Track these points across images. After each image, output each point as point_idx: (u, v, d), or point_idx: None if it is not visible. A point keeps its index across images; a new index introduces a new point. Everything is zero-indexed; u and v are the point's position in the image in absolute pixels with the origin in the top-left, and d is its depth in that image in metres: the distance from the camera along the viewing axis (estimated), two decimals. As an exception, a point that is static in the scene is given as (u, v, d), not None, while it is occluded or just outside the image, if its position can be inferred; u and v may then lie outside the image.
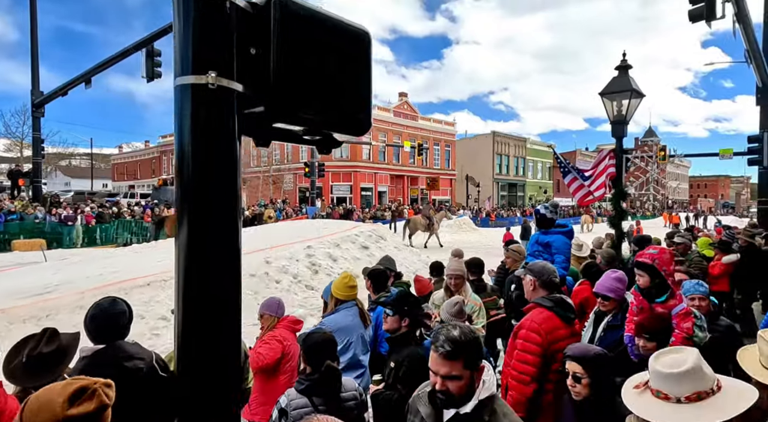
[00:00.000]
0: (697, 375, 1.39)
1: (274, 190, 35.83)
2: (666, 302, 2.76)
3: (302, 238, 10.64)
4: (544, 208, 4.52)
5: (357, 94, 1.50)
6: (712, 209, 73.24)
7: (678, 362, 1.41)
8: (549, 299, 2.86)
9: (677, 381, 1.38)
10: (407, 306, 2.60)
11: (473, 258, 5.48)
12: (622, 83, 6.00)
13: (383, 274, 3.90)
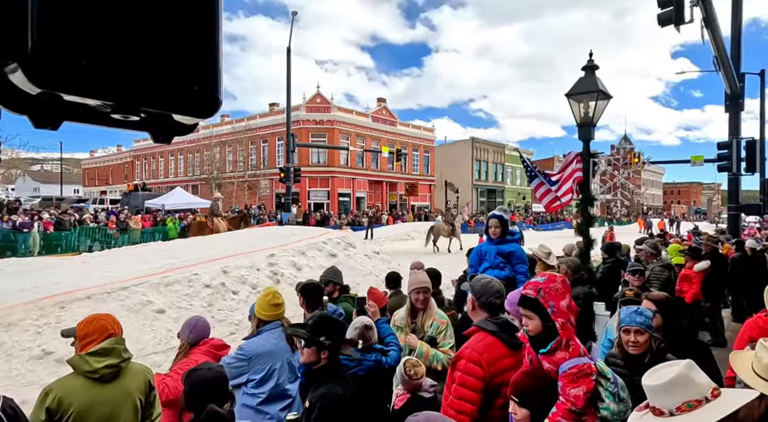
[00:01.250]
0: (686, 384, 1.36)
1: (250, 195, 35.07)
2: (552, 354, 1.92)
3: (266, 246, 10.15)
4: (504, 212, 4.18)
5: (192, 56, 1.10)
6: (685, 215, 75.01)
7: (663, 374, 1.40)
8: (493, 322, 2.50)
9: (666, 393, 1.37)
10: (325, 335, 2.19)
11: (429, 269, 5.12)
12: (589, 84, 5.75)
13: (316, 289, 3.48)
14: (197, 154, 41.29)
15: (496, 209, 4.40)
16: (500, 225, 4.12)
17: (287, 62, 25.04)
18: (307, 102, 36.45)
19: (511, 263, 3.97)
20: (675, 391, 1.36)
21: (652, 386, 1.40)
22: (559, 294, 1.98)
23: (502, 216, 4.16)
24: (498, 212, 4.23)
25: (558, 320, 1.93)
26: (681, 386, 1.37)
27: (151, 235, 20.45)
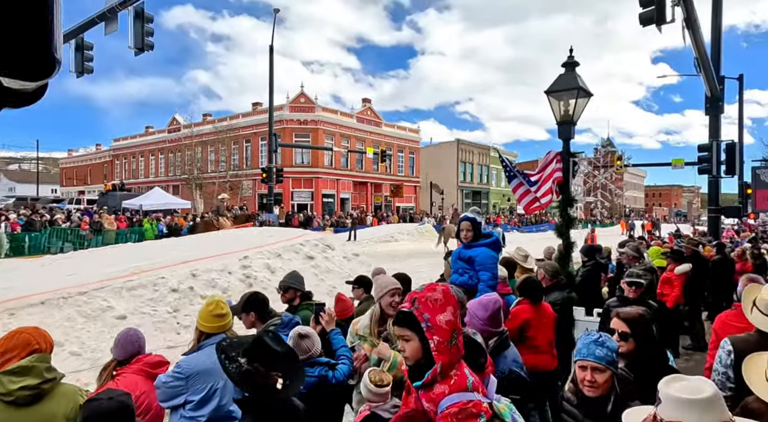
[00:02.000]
0: (720, 404, 1.27)
1: (232, 196, 34.45)
2: (430, 388, 1.50)
3: (240, 248, 9.79)
4: (478, 214, 3.90)
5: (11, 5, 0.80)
6: (666, 217, 76.19)
7: (697, 389, 1.28)
8: None
9: (701, 410, 1.23)
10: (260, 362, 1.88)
11: (398, 275, 4.84)
12: (569, 81, 5.56)
13: (256, 300, 3.12)
14: (178, 154, 40.51)
15: (468, 210, 4.10)
16: (472, 228, 3.84)
17: (270, 60, 24.67)
18: (290, 101, 35.99)
19: (474, 269, 3.69)
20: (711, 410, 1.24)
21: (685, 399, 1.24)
22: (437, 306, 1.54)
23: (475, 218, 3.85)
24: (470, 214, 3.93)
25: (433, 338, 1.48)
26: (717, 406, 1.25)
27: (126, 237, 19.84)
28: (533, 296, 4.12)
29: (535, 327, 4.07)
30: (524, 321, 4.07)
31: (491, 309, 2.49)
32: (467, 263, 3.75)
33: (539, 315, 4.12)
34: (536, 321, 4.08)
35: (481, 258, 3.69)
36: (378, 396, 2.48)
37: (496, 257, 3.85)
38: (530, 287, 4.11)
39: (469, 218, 3.89)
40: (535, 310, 4.12)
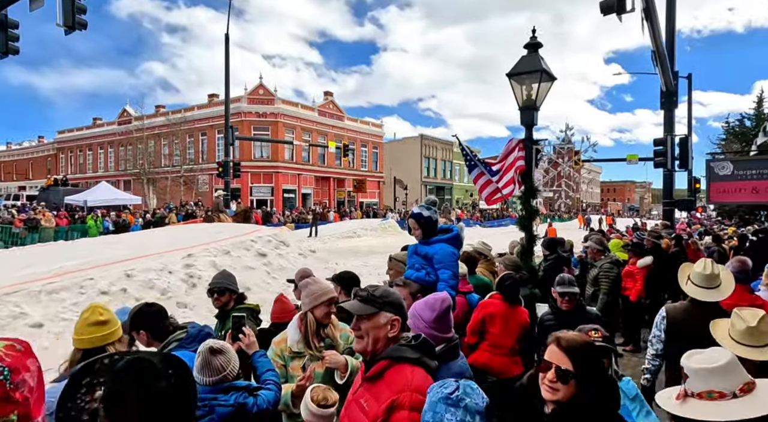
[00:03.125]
0: (738, 368, 1.37)
1: (186, 191, 32.92)
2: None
3: (184, 246, 9.04)
4: (427, 209, 3.43)
5: None
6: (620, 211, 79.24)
7: (715, 357, 1.38)
8: (411, 348, 1.82)
9: (724, 374, 1.33)
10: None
11: (344, 273, 4.37)
12: (532, 62, 5.21)
13: (145, 314, 2.52)
14: (129, 147, 38.39)
15: (416, 205, 3.64)
16: (419, 225, 3.42)
17: (226, 50, 23.54)
18: (248, 93, 34.71)
19: (432, 266, 3.28)
20: (734, 373, 1.33)
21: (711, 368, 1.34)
22: None
23: (421, 213, 3.41)
24: (416, 209, 3.49)
25: None
26: (738, 368, 1.35)
27: (67, 234, 18.40)
28: (510, 295, 3.78)
29: (500, 326, 3.72)
30: (489, 314, 3.73)
31: (438, 310, 2.06)
32: (425, 260, 3.33)
33: (509, 314, 3.77)
34: (503, 319, 3.73)
35: (439, 256, 3.29)
36: (322, 418, 2.09)
37: (457, 254, 3.45)
38: (510, 286, 3.78)
39: (415, 215, 3.45)
40: (507, 309, 3.77)
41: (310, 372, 2.47)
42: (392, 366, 1.79)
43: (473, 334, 3.75)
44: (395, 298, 1.91)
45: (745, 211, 24.87)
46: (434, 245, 3.34)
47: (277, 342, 2.75)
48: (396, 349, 1.81)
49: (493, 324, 3.69)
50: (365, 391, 1.83)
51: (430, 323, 2.04)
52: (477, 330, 3.74)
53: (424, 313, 2.05)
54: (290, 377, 2.67)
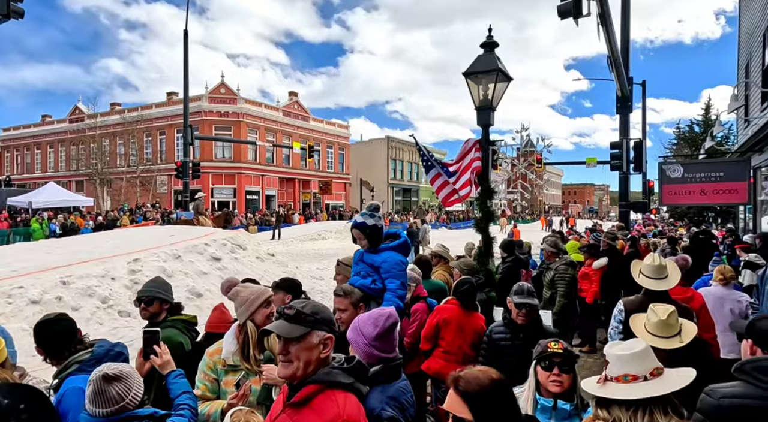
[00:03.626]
0: (651, 354, 1.57)
1: (142, 192, 31.59)
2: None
3: (131, 249, 8.52)
4: (371, 217, 3.20)
5: None
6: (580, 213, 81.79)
7: (632, 345, 1.58)
8: (344, 371, 1.62)
9: (640, 360, 1.52)
10: None
11: (284, 280, 4.14)
12: (488, 62, 5.13)
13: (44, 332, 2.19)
14: (81, 146, 36.53)
15: (359, 213, 3.40)
16: (364, 236, 3.17)
17: (184, 46, 22.73)
18: (210, 92, 33.71)
19: (380, 275, 3.09)
20: (645, 359, 1.53)
21: (627, 354, 1.53)
22: None
23: (364, 223, 3.16)
24: (359, 218, 3.22)
25: None
26: (649, 355, 1.55)
27: (8, 238, 17.22)
28: (466, 301, 3.63)
29: (455, 332, 3.56)
30: (444, 320, 3.58)
31: (382, 327, 1.86)
32: (372, 268, 3.13)
33: (464, 320, 3.62)
34: (458, 325, 3.58)
35: (387, 265, 3.08)
36: None
37: (405, 262, 3.24)
38: (466, 291, 3.62)
39: (358, 224, 3.21)
40: (462, 315, 3.62)
41: (245, 390, 2.23)
42: (322, 392, 1.59)
43: (427, 340, 3.60)
44: (327, 314, 1.71)
45: (695, 213, 26.07)
46: (382, 253, 3.14)
47: (211, 353, 2.48)
48: (328, 373, 1.61)
49: (447, 331, 3.55)
50: (288, 418, 1.62)
51: (371, 340, 1.84)
52: (431, 336, 3.59)
53: (366, 328, 1.85)
54: (223, 393, 2.42)
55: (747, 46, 12.56)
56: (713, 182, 10.07)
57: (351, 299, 2.82)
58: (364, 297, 2.93)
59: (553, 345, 2.13)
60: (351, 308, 2.80)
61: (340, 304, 2.80)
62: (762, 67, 9.84)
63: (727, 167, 10.29)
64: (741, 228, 14.05)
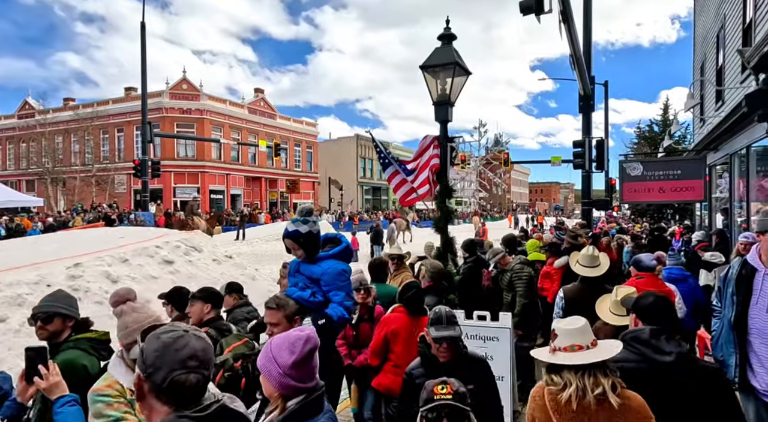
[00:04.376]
0: (589, 329, 1.90)
1: (98, 192, 30.15)
2: None
3: (74, 253, 7.92)
4: (304, 223, 2.85)
5: None
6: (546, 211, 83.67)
7: (576, 321, 1.90)
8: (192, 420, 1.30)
9: (582, 333, 1.84)
10: None
11: (231, 284, 3.84)
12: (446, 55, 4.92)
13: None
14: (33, 144, 34.58)
15: (290, 220, 2.99)
16: (299, 245, 2.81)
17: (142, 39, 21.76)
18: (171, 88, 32.50)
19: (320, 286, 2.79)
20: (586, 332, 1.85)
21: (573, 328, 1.85)
22: None
23: (298, 231, 2.78)
24: (291, 227, 2.84)
25: None
26: (588, 329, 1.89)
27: (-55, 242, 15.96)
28: (413, 307, 3.37)
29: (404, 343, 3.30)
30: (392, 331, 3.31)
31: (299, 353, 1.56)
32: (310, 280, 2.83)
33: (414, 328, 3.35)
34: (408, 335, 3.32)
35: (328, 277, 2.77)
36: None
37: (348, 270, 2.93)
38: (413, 297, 3.35)
39: (290, 234, 2.85)
40: (411, 322, 3.37)
41: None
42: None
43: (376, 355, 3.33)
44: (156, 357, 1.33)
45: (654, 210, 26.88)
46: (321, 263, 2.82)
47: (108, 385, 2.14)
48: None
49: (396, 343, 3.29)
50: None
51: (286, 368, 1.53)
52: (380, 350, 3.32)
53: (281, 355, 1.54)
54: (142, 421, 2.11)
55: (702, 48, 12.90)
56: (671, 180, 10.25)
57: (285, 312, 2.52)
58: (301, 310, 2.64)
59: (439, 390, 1.81)
60: (284, 322, 2.50)
61: (272, 318, 2.51)
62: (716, 67, 10.08)
63: (684, 165, 10.50)
64: (697, 225, 14.47)
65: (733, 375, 2.41)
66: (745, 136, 7.53)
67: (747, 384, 2.37)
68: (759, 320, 2.32)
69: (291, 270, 2.98)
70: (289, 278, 2.96)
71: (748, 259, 2.37)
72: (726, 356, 2.47)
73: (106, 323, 6.74)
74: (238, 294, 3.68)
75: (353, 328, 3.71)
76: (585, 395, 1.69)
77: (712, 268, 7.00)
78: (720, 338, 2.52)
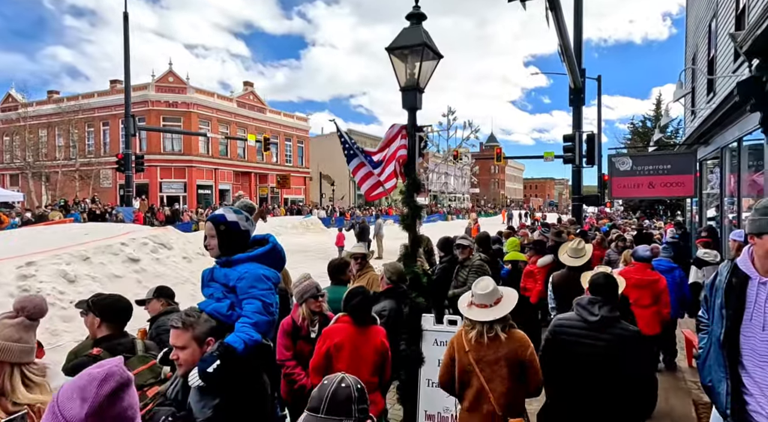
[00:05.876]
0: (496, 290, 2.66)
1: (82, 186, 29.52)
2: None
3: (29, 251, 7.47)
4: (235, 213, 2.40)
5: None
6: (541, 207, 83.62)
7: (487, 285, 2.67)
8: None
9: (489, 296, 2.64)
10: None
11: (161, 288, 3.45)
12: (414, 35, 4.48)
13: None
14: (16, 137, 33.82)
15: (222, 208, 2.50)
16: (216, 233, 2.34)
17: (124, 29, 21.18)
18: (156, 80, 31.82)
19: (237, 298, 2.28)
20: (492, 294, 2.65)
21: (483, 293, 2.64)
22: None
23: (224, 217, 2.35)
24: (220, 211, 2.41)
25: None
26: (494, 292, 2.66)
27: None
28: (359, 315, 2.97)
29: (350, 357, 2.90)
30: (336, 345, 2.90)
31: (95, 398, 1.08)
32: (227, 288, 2.31)
33: (360, 340, 2.97)
34: (353, 348, 2.92)
35: (245, 284, 2.24)
36: None
37: (272, 276, 2.37)
38: (358, 304, 2.94)
39: (214, 217, 2.39)
40: (356, 333, 2.97)
41: None
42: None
43: (317, 373, 2.91)
44: None
45: (647, 206, 26.66)
46: (237, 267, 2.30)
47: None
48: None
49: (340, 358, 2.88)
50: None
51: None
52: (321, 368, 2.90)
53: (69, 408, 1.09)
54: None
55: (694, 39, 12.55)
56: (661, 175, 9.90)
57: (194, 332, 2.07)
58: (216, 329, 2.17)
59: None
60: (193, 345, 2.05)
61: (178, 339, 2.05)
62: (708, 58, 9.72)
63: (674, 159, 10.15)
64: (688, 220, 14.17)
65: (724, 405, 1.99)
66: (736, 128, 7.18)
67: (743, 418, 1.95)
68: (754, 339, 1.89)
69: (204, 279, 2.47)
70: (203, 289, 2.47)
71: (738, 264, 1.96)
72: (715, 382, 2.04)
73: (58, 326, 6.28)
74: (168, 300, 3.27)
75: (310, 343, 3.25)
76: (482, 335, 2.59)
77: (702, 266, 6.68)
78: (708, 359, 2.12)
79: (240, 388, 2.11)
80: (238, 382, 2.10)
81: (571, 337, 2.70)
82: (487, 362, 2.56)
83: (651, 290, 4.96)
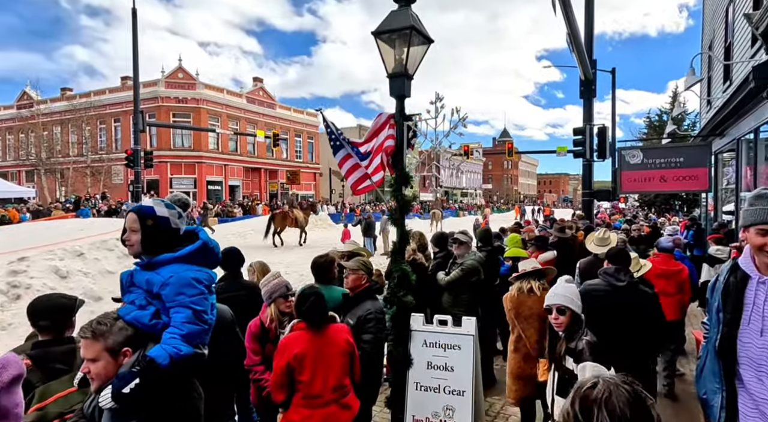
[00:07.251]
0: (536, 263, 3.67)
1: (93, 182, 29.82)
2: None
3: (22, 247, 7.42)
4: (166, 207, 2.10)
5: None
6: (555, 203, 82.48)
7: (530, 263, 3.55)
8: None
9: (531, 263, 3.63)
10: None
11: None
12: (402, 18, 4.22)
13: None
14: (31, 134, 34.32)
15: (149, 200, 2.22)
16: (140, 227, 2.04)
17: (133, 25, 21.19)
18: (166, 76, 31.94)
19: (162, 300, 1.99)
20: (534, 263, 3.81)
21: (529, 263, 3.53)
22: None
23: (152, 209, 2.07)
24: (150, 203, 2.11)
25: None
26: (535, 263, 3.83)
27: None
28: (313, 318, 2.72)
29: (313, 367, 2.65)
30: (296, 356, 2.64)
31: None
32: (150, 295, 2.01)
33: (320, 344, 2.70)
34: (314, 354, 2.66)
35: (171, 289, 1.95)
36: None
37: (202, 279, 2.07)
38: (311, 307, 2.69)
39: (138, 208, 2.09)
40: (314, 338, 2.70)
41: None
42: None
43: (279, 389, 2.67)
44: None
45: (662, 201, 25.94)
46: (161, 269, 2.01)
47: None
48: None
49: (303, 369, 2.63)
50: None
51: None
52: (282, 383, 2.65)
53: None
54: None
55: (710, 26, 12.02)
56: (673, 168, 9.46)
57: (106, 343, 1.82)
58: (133, 339, 1.90)
59: None
60: (106, 357, 1.82)
61: (87, 351, 1.81)
62: (724, 45, 9.25)
63: (687, 152, 9.69)
64: (702, 216, 13.66)
65: (717, 420, 1.74)
66: (752, 118, 6.78)
67: None
68: (751, 346, 1.66)
69: (123, 284, 2.15)
70: (123, 295, 2.15)
71: (739, 263, 1.70)
72: (709, 393, 1.78)
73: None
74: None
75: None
76: (522, 289, 3.61)
77: (715, 263, 6.34)
78: (704, 368, 1.86)
79: (163, 408, 1.87)
80: (160, 402, 1.86)
81: (607, 301, 3.34)
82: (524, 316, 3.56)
83: (675, 280, 5.15)
